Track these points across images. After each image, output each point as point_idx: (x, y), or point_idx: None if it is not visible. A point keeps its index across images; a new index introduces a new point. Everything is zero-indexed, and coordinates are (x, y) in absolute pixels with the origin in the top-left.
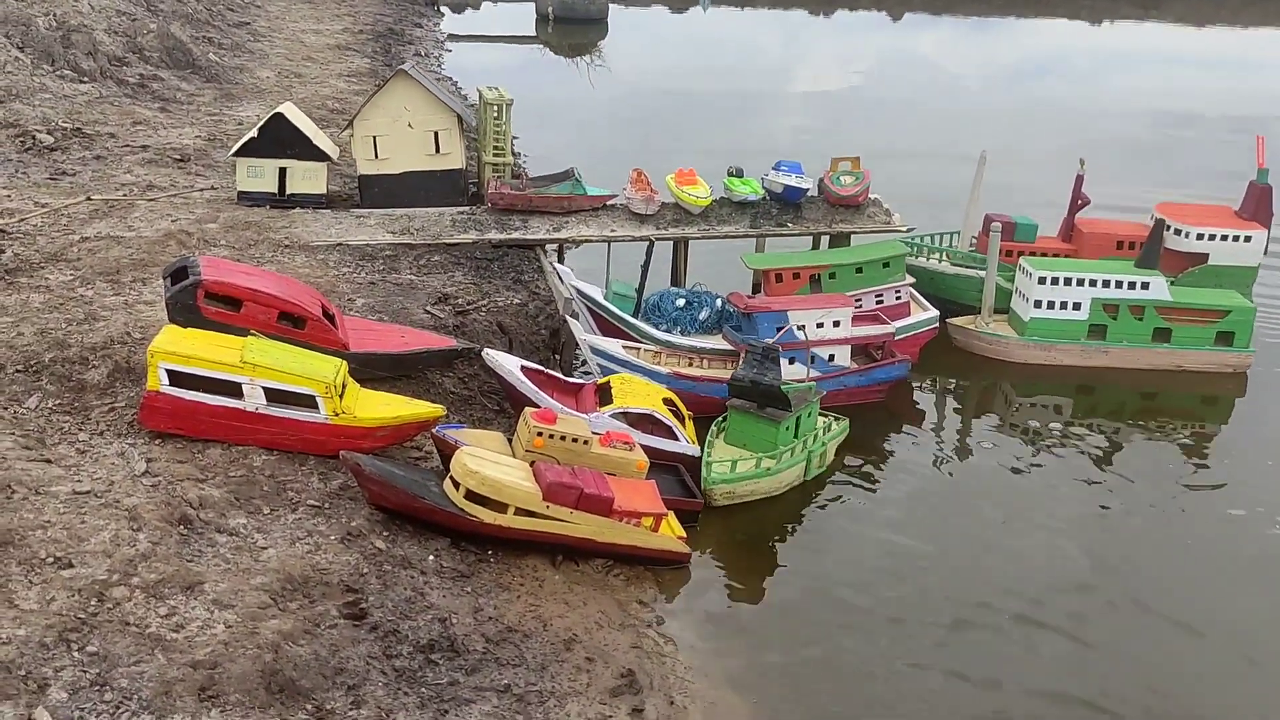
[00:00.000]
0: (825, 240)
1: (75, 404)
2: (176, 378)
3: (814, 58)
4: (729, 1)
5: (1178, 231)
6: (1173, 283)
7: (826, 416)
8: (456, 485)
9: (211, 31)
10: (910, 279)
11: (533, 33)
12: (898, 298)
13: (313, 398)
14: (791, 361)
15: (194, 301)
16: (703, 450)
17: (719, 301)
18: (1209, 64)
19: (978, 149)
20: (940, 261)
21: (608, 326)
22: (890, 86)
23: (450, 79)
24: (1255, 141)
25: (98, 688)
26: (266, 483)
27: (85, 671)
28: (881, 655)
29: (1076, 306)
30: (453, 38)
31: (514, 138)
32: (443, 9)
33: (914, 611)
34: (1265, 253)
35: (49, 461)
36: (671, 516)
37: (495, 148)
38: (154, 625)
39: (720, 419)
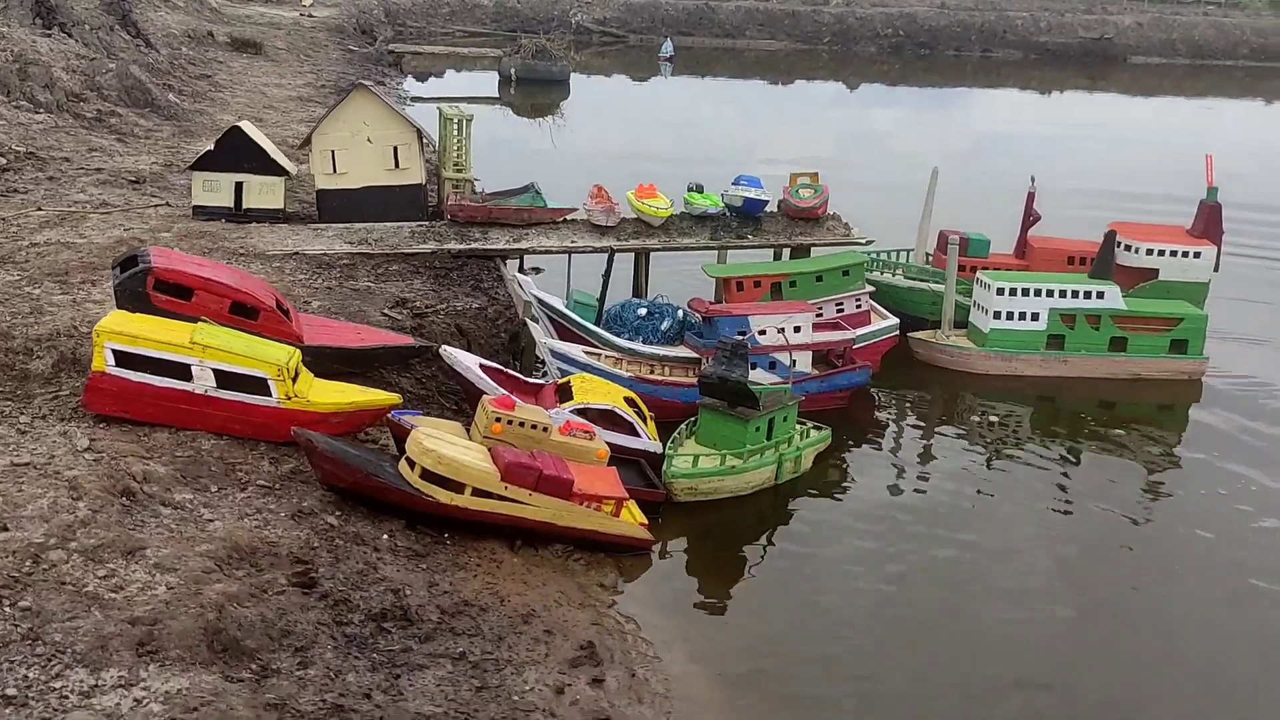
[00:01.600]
0: (786, 253)
1: (18, 392)
2: (123, 359)
3: (774, 124)
4: (690, 71)
5: (1128, 247)
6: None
7: (805, 423)
8: (412, 464)
9: (172, 80)
10: (870, 287)
11: (495, 94)
12: (858, 306)
13: (264, 381)
14: (754, 366)
15: (143, 289)
16: (666, 447)
17: (680, 312)
18: (1158, 130)
19: (927, 182)
20: (895, 276)
21: (569, 335)
22: (844, 146)
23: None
24: (1205, 160)
25: (29, 642)
26: (215, 464)
27: (17, 626)
28: (843, 640)
29: (1035, 317)
30: (416, 99)
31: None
32: (407, 75)
33: (876, 604)
34: (1216, 269)
35: None
36: (633, 504)
37: (455, 163)
38: (91, 585)
39: (692, 420)
